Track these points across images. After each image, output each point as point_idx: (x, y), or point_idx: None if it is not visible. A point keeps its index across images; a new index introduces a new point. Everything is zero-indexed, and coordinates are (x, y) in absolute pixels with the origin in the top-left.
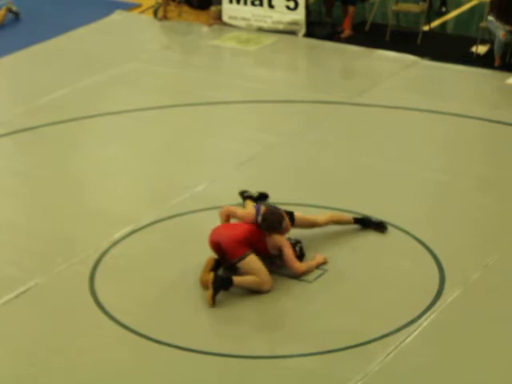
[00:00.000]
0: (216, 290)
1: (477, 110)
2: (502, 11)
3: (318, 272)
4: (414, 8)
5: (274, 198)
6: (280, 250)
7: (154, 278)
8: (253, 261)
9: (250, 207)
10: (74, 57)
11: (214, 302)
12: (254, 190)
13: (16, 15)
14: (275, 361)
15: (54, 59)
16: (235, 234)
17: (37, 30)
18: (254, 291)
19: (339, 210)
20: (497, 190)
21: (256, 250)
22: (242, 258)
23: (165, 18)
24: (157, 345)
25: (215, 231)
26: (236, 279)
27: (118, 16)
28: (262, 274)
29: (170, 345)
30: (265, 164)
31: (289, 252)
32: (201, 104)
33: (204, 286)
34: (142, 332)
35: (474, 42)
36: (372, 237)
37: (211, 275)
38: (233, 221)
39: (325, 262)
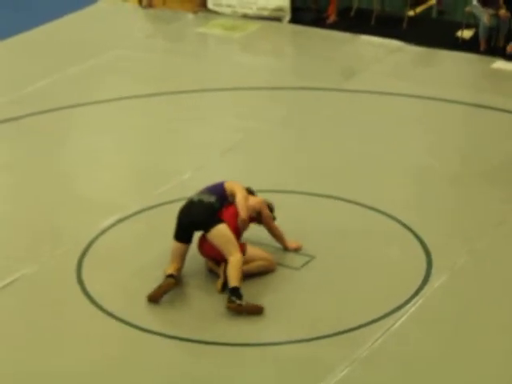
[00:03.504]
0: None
1: (462, 94)
2: None
3: (305, 259)
4: None
5: (259, 185)
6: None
7: (142, 266)
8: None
9: None
10: (58, 45)
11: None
12: (240, 178)
13: None
14: (262, 348)
15: (39, 48)
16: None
17: (22, 19)
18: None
19: (325, 196)
20: (482, 174)
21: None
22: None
23: (150, 5)
24: (144, 333)
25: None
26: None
27: (103, 4)
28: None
29: (157, 333)
30: (250, 151)
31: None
32: (186, 92)
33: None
34: (129, 321)
35: (460, 26)
36: (358, 223)
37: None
38: None
39: (297, 249)
